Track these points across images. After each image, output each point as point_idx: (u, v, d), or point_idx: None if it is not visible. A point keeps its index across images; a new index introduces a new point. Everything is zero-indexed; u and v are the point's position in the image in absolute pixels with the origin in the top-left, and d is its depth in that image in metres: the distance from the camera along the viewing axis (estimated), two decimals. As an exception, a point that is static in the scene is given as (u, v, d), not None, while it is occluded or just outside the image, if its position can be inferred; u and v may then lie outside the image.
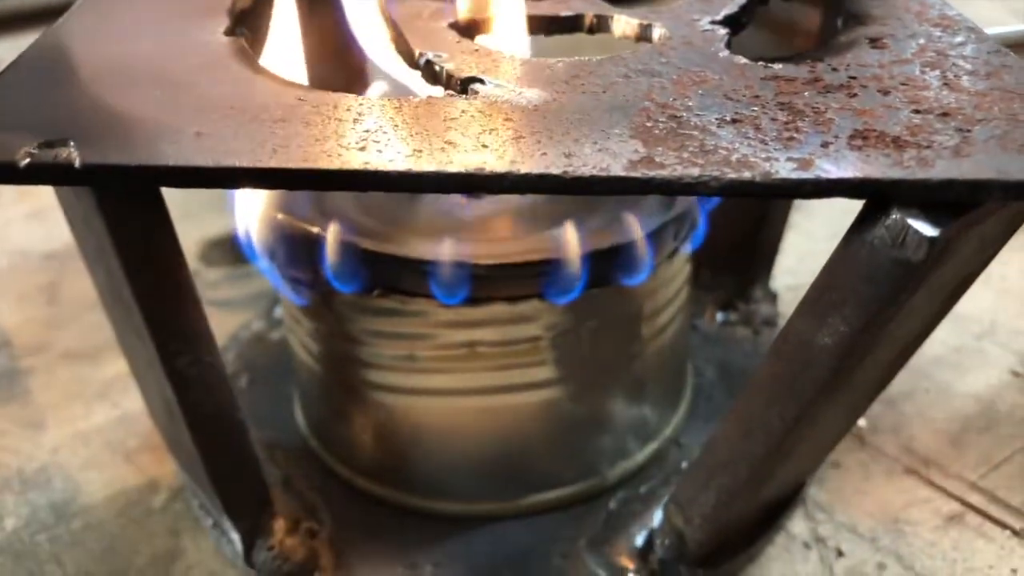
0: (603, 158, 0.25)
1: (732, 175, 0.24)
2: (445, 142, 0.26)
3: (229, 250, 0.58)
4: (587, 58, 0.31)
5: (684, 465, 0.41)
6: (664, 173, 0.24)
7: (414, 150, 0.25)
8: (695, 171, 0.24)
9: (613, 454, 0.40)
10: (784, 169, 0.24)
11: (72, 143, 0.25)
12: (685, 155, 0.25)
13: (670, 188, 0.24)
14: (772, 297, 0.51)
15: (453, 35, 0.33)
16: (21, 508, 0.42)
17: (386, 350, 0.36)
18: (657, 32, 0.33)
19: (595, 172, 0.24)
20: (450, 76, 0.30)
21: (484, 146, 0.25)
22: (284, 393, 0.46)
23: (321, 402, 0.42)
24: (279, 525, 0.38)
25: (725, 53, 0.31)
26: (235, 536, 0.37)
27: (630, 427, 0.40)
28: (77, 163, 0.25)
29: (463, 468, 0.39)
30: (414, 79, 0.32)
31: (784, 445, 0.31)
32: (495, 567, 0.37)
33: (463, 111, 0.27)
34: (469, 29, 0.35)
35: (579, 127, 0.26)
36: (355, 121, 0.27)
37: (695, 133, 0.26)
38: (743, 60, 0.30)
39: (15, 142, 0.25)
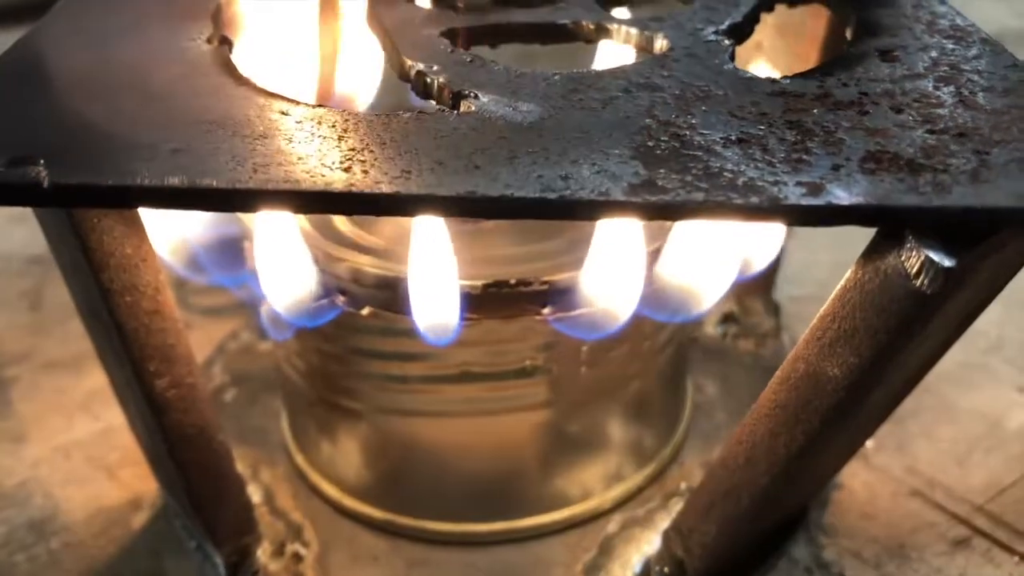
0: (602, 181, 0.23)
1: (738, 201, 0.23)
2: (435, 162, 0.24)
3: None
4: (586, 70, 0.29)
5: (683, 486, 0.40)
6: (667, 198, 0.23)
7: (402, 171, 0.24)
8: (699, 196, 0.23)
9: (610, 476, 0.39)
10: (793, 194, 0.23)
11: (41, 161, 0.24)
12: (688, 178, 0.23)
13: (673, 214, 0.23)
14: (774, 309, 0.50)
15: (446, 44, 0.32)
16: (1, 526, 0.41)
17: (375, 369, 0.35)
18: (659, 43, 0.32)
19: (594, 197, 0.23)
20: (442, 89, 0.29)
21: (476, 167, 0.24)
22: (271, 408, 0.45)
23: (307, 420, 0.40)
24: (263, 549, 0.36)
25: (730, 66, 0.30)
26: (218, 560, 0.36)
27: (627, 448, 0.39)
28: (45, 183, 0.23)
29: (455, 489, 0.38)
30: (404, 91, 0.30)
31: (788, 473, 0.30)
32: (487, 594, 0.36)
33: (455, 128, 0.26)
34: (463, 37, 0.33)
35: (577, 147, 0.25)
36: (340, 138, 0.25)
37: (699, 154, 0.24)
38: (749, 74, 0.29)
39: (-19, 159, 0.24)
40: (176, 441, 0.32)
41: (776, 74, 0.30)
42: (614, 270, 0.31)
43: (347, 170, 0.24)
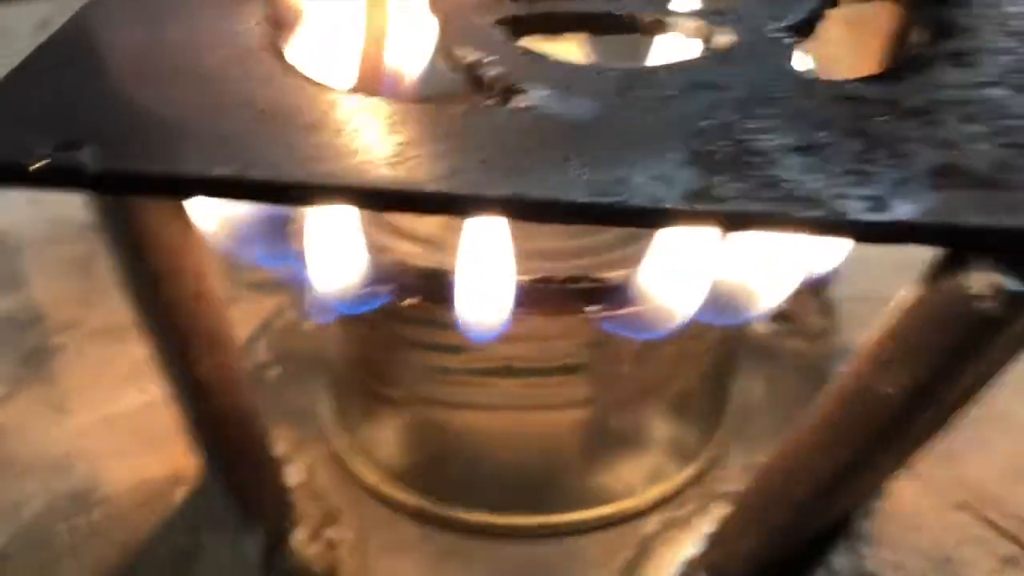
0: (657, 188, 0.23)
1: (798, 214, 0.22)
2: (481, 161, 0.24)
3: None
4: (643, 66, 0.29)
5: (724, 489, 0.39)
6: (723, 208, 0.22)
7: (450, 168, 0.23)
8: (757, 207, 0.22)
9: (651, 475, 0.38)
10: (855, 209, 0.22)
11: (89, 145, 0.24)
12: (747, 187, 0.23)
13: (729, 225, 0.22)
14: (828, 308, 0.49)
15: (501, 34, 0.31)
16: (42, 495, 0.41)
17: (417, 359, 0.35)
18: (720, 38, 0.31)
19: (647, 204, 0.22)
20: (494, 82, 0.28)
21: (526, 168, 0.23)
22: (313, 388, 0.45)
23: (349, 403, 0.40)
24: (299, 533, 0.36)
25: (793, 66, 0.29)
26: (254, 541, 0.36)
27: (669, 447, 0.39)
28: (90, 169, 0.23)
29: (492, 480, 0.38)
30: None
31: (833, 489, 0.29)
32: (521, 590, 0.35)
33: (506, 125, 0.25)
34: (518, 27, 0.32)
35: (631, 149, 0.24)
36: (390, 131, 0.25)
37: (758, 161, 0.24)
38: (813, 75, 0.28)
39: (30, 142, 0.24)
40: (214, 424, 0.32)
41: (840, 75, 0.29)
42: (669, 270, 0.31)
43: (394, 166, 0.23)
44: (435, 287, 0.31)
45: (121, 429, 0.45)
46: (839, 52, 0.37)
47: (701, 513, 0.38)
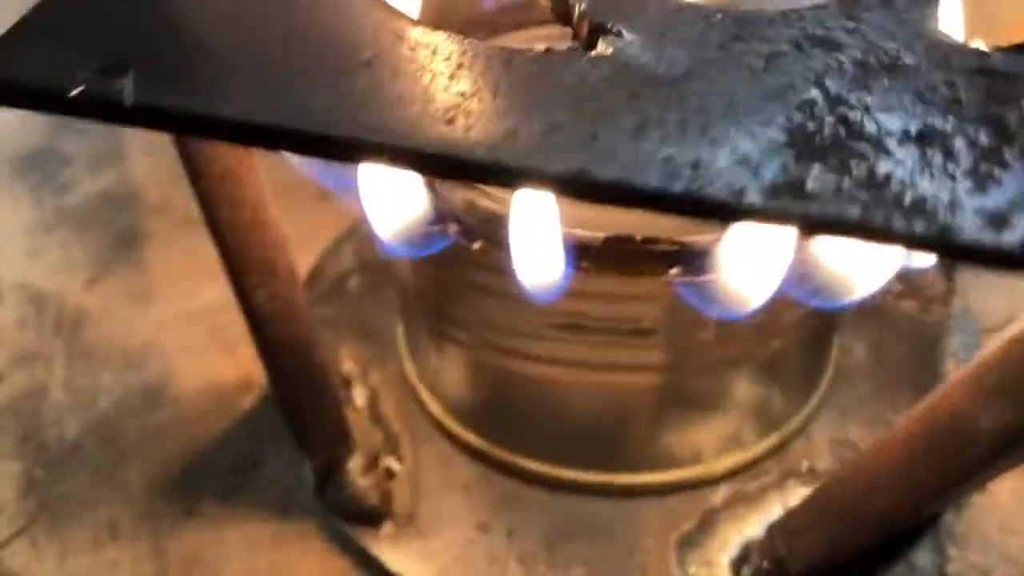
0: (740, 175, 0.20)
1: (899, 226, 0.19)
2: (549, 123, 0.21)
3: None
4: (755, 11, 0.25)
5: (806, 465, 0.36)
6: (814, 209, 0.19)
7: (508, 130, 0.21)
8: (854, 212, 0.19)
9: (725, 441, 0.36)
10: (969, 225, 0.18)
11: (132, 72, 0.22)
12: (846, 183, 0.19)
13: (815, 230, 0.19)
14: (949, 269, 0.44)
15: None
16: (116, 388, 0.42)
17: (484, 305, 0.33)
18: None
19: (725, 197, 0.19)
20: (582, 18, 0.25)
21: (595, 136, 0.21)
22: (391, 303, 0.43)
23: (419, 334, 0.39)
24: (355, 463, 0.35)
25: (932, 24, 0.25)
26: (309, 467, 0.35)
27: (750, 412, 0.36)
28: (128, 101, 0.21)
29: (555, 431, 0.36)
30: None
31: (910, 508, 0.26)
32: (572, 549, 0.34)
33: (583, 77, 0.22)
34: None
35: (722, 119, 0.21)
36: (452, 76, 0.22)
37: (866, 148, 0.20)
38: (951, 39, 0.24)
39: (72, 64, 0.22)
40: (272, 352, 0.31)
41: (992, 39, 0.24)
42: (759, 240, 0.28)
43: (450, 122, 0.21)
44: (499, 232, 0.29)
45: (199, 325, 0.44)
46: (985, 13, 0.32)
47: (775, 490, 0.35)
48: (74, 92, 0.22)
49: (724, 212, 0.19)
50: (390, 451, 0.37)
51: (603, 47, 0.24)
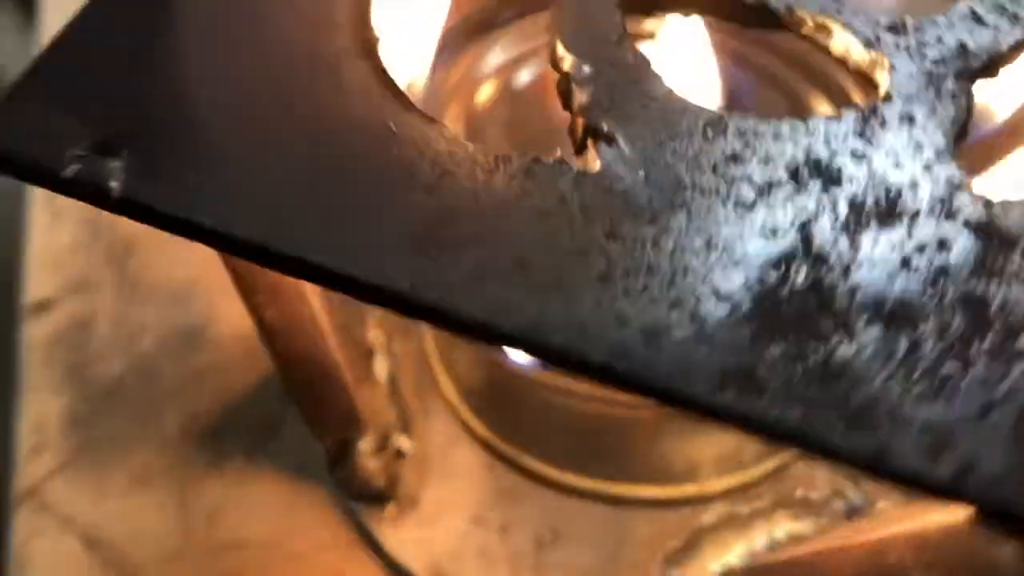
0: (690, 355, 0.19)
1: (837, 441, 0.18)
2: (517, 261, 0.21)
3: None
4: (764, 119, 0.24)
5: (800, 494, 0.37)
6: (753, 408, 0.19)
7: (475, 266, 0.21)
8: (795, 414, 0.19)
9: (723, 461, 0.36)
10: (908, 449, 0.18)
11: (125, 152, 0.22)
12: (797, 374, 0.19)
13: (755, 430, 0.19)
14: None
15: (617, 26, 0.26)
16: (160, 326, 0.44)
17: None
18: (879, 75, 0.25)
19: (668, 383, 0.19)
20: (580, 115, 0.24)
21: (559, 283, 0.20)
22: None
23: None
24: (366, 444, 0.37)
25: (946, 145, 0.23)
26: (321, 448, 0.37)
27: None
28: (114, 191, 0.22)
29: (560, 432, 0.37)
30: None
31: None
32: (559, 554, 0.36)
33: (561, 203, 0.22)
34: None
35: (690, 274, 0.21)
36: (429, 192, 0.22)
37: (829, 327, 0.20)
38: (963, 175, 0.22)
39: (66, 137, 0.23)
40: (283, 361, 0.33)
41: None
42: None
43: (419, 246, 0.21)
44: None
45: (243, 264, 0.46)
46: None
47: (763, 517, 0.36)
48: (67, 173, 0.22)
49: (668, 397, 0.19)
50: (403, 429, 0.39)
51: (591, 157, 0.23)
